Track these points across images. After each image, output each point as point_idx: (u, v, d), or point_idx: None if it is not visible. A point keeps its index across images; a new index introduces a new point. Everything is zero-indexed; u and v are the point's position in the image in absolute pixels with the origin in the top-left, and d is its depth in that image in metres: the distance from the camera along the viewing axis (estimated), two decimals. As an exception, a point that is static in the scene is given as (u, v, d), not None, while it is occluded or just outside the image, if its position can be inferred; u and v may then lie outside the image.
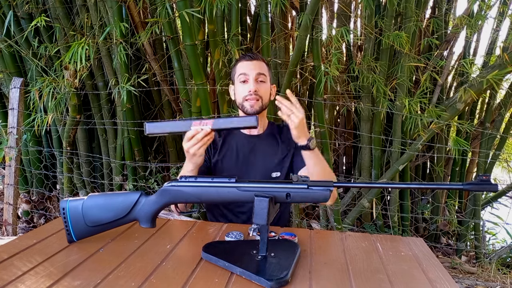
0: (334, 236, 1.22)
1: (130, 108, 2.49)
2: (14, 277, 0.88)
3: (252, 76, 1.36)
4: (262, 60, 1.41)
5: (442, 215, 2.88)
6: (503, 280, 2.43)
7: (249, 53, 1.43)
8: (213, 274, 0.92)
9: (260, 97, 1.36)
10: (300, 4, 2.40)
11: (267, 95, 1.40)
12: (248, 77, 1.36)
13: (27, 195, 3.08)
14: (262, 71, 1.38)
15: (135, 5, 2.41)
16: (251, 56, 1.40)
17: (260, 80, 1.37)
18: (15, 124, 2.63)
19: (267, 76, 1.39)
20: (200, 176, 1.04)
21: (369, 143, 2.55)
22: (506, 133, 2.77)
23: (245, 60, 1.39)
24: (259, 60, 1.40)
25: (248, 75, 1.36)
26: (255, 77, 1.36)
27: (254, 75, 1.36)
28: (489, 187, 0.87)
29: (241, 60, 1.41)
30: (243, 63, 1.39)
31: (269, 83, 1.41)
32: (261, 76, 1.37)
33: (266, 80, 1.39)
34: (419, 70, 2.62)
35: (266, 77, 1.39)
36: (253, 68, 1.37)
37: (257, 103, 1.36)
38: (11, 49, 2.68)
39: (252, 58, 1.39)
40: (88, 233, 1.07)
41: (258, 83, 1.37)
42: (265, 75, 1.38)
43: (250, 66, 1.37)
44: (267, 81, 1.40)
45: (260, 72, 1.37)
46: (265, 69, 1.40)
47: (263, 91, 1.37)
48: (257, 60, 1.39)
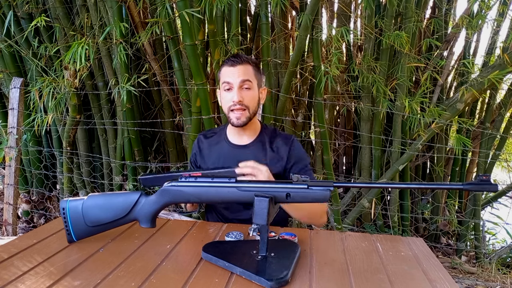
0: (334, 236, 1.22)
1: (130, 108, 2.49)
2: (14, 277, 0.88)
3: (236, 84, 1.27)
4: (248, 62, 1.31)
5: (442, 215, 2.88)
6: (503, 280, 2.43)
7: (232, 57, 1.32)
8: (213, 274, 0.92)
9: (246, 106, 1.28)
10: (300, 4, 2.40)
11: (255, 102, 1.31)
12: (232, 86, 1.28)
13: (27, 195, 3.08)
14: (247, 77, 1.28)
15: (135, 5, 2.41)
16: (233, 60, 1.29)
17: (245, 87, 1.28)
18: (15, 124, 2.63)
19: (253, 82, 1.30)
20: (200, 176, 1.04)
21: (369, 143, 2.55)
22: (506, 133, 2.77)
23: (228, 66, 1.30)
24: (244, 64, 1.29)
25: (232, 84, 1.28)
26: (239, 85, 1.27)
27: (238, 83, 1.27)
28: (489, 187, 0.87)
29: (224, 65, 1.32)
30: (226, 69, 1.30)
31: (256, 88, 1.32)
32: (246, 83, 1.28)
33: (252, 86, 1.30)
34: (419, 70, 2.62)
35: (252, 83, 1.30)
36: (236, 74, 1.28)
37: (244, 114, 1.28)
38: (11, 49, 2.68)
39: (236, 63, 1.28)
40: (88, 233, 1.07)
41: (243, 90, 1.28)
42: (251, 81, 1.29)
43: (233, 73, 1.28)
44: (254, 86, 1.31)
45: (244, 78, 1.27)
46: (251, 73, 1.30)
47: (248, 100, 1.28)
48: (241, 64, 1.29)
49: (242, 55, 1.34)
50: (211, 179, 1.01)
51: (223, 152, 1.39)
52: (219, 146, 1.41)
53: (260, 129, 1.41)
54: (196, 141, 1.47)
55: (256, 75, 1.33)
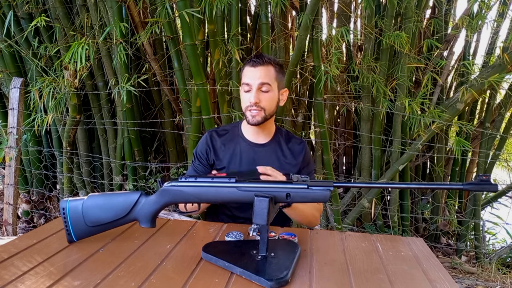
0: (334, 236, 1.22)
1: (130, 108, 2.48)
2: (14, 277, 0.88)
3: (254, 86, 1.29)
4: (270, 64, 1.31)
5: (442, 215, 2.88)
6: (503, 280, 2.43)
7: (255, 57, 1.33)
8: (213, 274, 0.92)
9: (263, 108, 1.30)
10: (300, 4, 2.40)
11: (272, 104, 1.33)
12: (251, 87, 1.30)
13: (27, 195, 3.08)
14: (266, 79, 1.29)
15: (135, 5, 2.41)
16: (255, 61, 1.30)
17: (263, 90, 1.30)
18: (15, 124, 2.63)
19: (272, 84, 1.30)
20: (200, 176, 1.04)
21: (369, 143, 2.55)
22: (506, 133, 2.77)
23: (250, 66, 1.31)
24: (265, 65, 1.30)
25: (251, 85, 1.30)
26: (257, 87, 1.29)
27: (257, 85, 1.29)
28: (489, 187, 0.88)
29: (247, 65, 1.33)
30: (247, 69, 1.32)
31: (275, 90, 1.32)
32: (264, 86, 1.29)
33: (270, 89, 1.30)
34: (419, 70, 2.62)
35: (271, 86, 1.30)
36: (256, 76, 1.29)
37: (259, 114, 1.30)
38: (11, 49, 2.68)
39: (257, 64, 1.30)
40: (88, 233, 1.07)
41: (261, 92, 1.30)
42: (270, 84, 1.30)
43: (253, 74, 1.29)
44: (273, 89, 1.31)
45: (263, 81, 1.29)
46: (272, 75, 1.31)
47: (266, 102, 1.30)
48: (263, 66, 1.29)
49: (265, 55, 1.34)
50: (211, 179, 1.02)
51: (241, 149, 1.40)
52: (235, 143, 1.41)
53: (275, 130, 1.44)
54: (208, 137, 1.44)
55: (277, 77, 1.33)
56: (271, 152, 1.39)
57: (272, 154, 1.39)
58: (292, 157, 1.40)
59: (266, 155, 1.38)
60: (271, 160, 1.38)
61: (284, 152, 1.41)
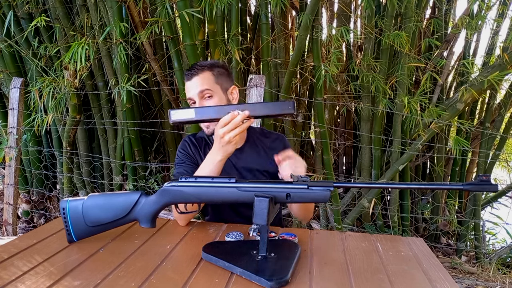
0: (334, 236, 1.22)
1: (130, 108, 2.49)
2: (14, 277, 0.88)
3: (196, 98, 1.26)
4: (205, 70, 1.27)
5: (442, 215, 2.88)
6: (503, 280, 2.43)
7: (187, 70, 1.29)
8: (213, 274, 0.92)
9: None
10: (300, 4, 2.40)
11: None
12: (194, 100, 1.27)
13: (27, 195, 3.08)
14: (204, 86, 1.25)
15: (135, 5, 2.41)
16: (188, 74, 1.28)
17: (206, 97, 1.26)
18: (15, 124, 2.63)
19: (213, 89, 1.27)
20: (200, 176, 1.04)
21: (369, 143, 2.55)
22: (506, 133, 2.77)
23: (186, 81, 1.28)
24: (200, 73, 1.26)
25: (193, 98, 1.27)
26: (199, 97, 1.26)
27: (197, 95, 1.26)
28: (489, 187, 0.87)
29: (185, 79, 1.30)
30: (186, 84, 1.29)
31: (219, 94, 1.28)
32: (205, 92, 1.26)
33: (213, 94, 1.27)
34: (419, 70, 2.62)
35: (212, 90, 1.26)
36: (194, 87, 1.26)
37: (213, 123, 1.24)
38: (11, 49, 2.68)
39: (191, 75, 1.27)
40: (88, 233, 1.07)
41: (205, 100, 1.26)
42: (210, 89, 1.26)
43: (191, 87, 1.27)
44: (216, 93, 1.27)
45: (201, 89, 1.25)
46: (210, 81, 1.27)
47: None
48: (197, 75, 1.26)
49: (197, 64, 1.30)
50: (211, 179, 1.02)
51: None
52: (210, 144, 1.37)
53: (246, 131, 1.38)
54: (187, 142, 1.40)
55: (218, 81, 1.29)
56: (251, 153, 1.36)
57: (252, 154, 1.36)
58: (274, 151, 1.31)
59: (247, 156, 1.35)
60: (253, 159, 1.35)
61: (264, 149, 1.37)
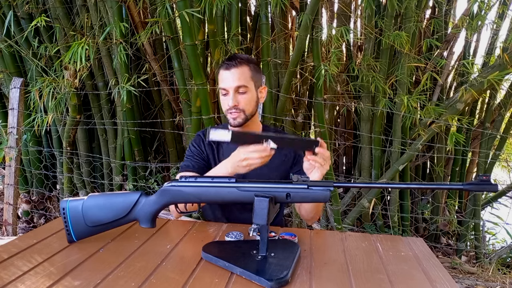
0: (334, 236, 1.22)
1: (130, 108, 2.49)
2: (14, 277, 0.88)
3: (231, 90, 1.29)
4: (244, 64, 1.30)
5: (442, 215, 2.88)
6: (503, 280, 2.43)
7: (227, 60, 1.32)
8: (213, 274, 0.92)
9: (242, 110, 1.30)
10: (300, 4, 2.40)
11: (251, 105, 1.33)
12: (228, 91, 1.30)
13: (27, 195, 3.08)
14: (242, 81, 1.29)
15: (135, 5, 2.41)
16: (229, 64, 1.30)
17: (240, 92, 1.30)
18: (15, 124, 2.63)
19: (249, 85, 1.31)
20: (200, 176, 1.04)
21: (369, 143, 2.55)
22: (506, 133, 2.77)
23: (224, 69, 1.30)
24: (239, 67, 1.29)
25: (227, 89, 1.30)
26: (234, 90, 1.29)
27: (234, 88, 1.29)
28: (489, 187, 0.88)
29: (221, 68, 1.32)
30: (222, 72, 1.31)
31: (252, 90, 1.32)
32: (241, 88, 1.29)
33: (247, 90, 1.31)
34: (419, 70, 2.62)
35: (248, 87, 1.30)
36: (231, 79, 1.29)
37: (240, 116, 1.31)
38: (11, 49, 2.68)
39: (231, 66, 1.29)
40: (88, 233, 1.07)
41: (239, 95, 1.30)
42: (246, 86, 1.30)
43: (229, 78, 1.29)
44: (250, 89, 1.31)
45: (239, 84, 1.29)
46: (247, 76, 1.30)
47: (244, 103, 1.30)
48: (237, 67, 1.28)
49: (238, 56, 1.33)
50: (211, 179, 1.02)
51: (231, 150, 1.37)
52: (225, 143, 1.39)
53: (262, 128, 1.45)
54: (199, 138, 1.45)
55: (253, 77, 1.32)
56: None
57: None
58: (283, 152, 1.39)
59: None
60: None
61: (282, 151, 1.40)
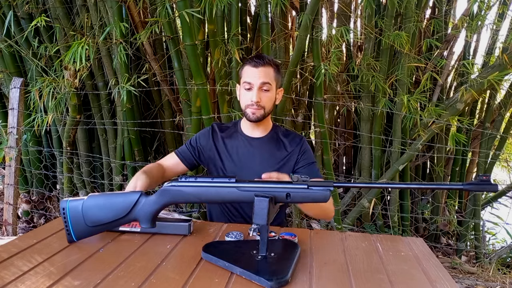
0: (334, 236, 1.22)
1: (130, 108, 2.48)
2: (14, 277, 0.88)
3: (256, 85, 1.34)
4: (270, 65, 1.36)
5: (442, 215, 2.88)
6: (503, 280, 2.43)
7: (256, 58, 1.37)
8: (213, 274, 0.92)
9: (263, 106, 1.35)
10: (300, 4, 2.40)
11: (271, 103, 1.39)
12: (252, 86, 1.34)
13: (27, 195, 3.08)
14: (267, 79, 1.34)
15: (135, 5, 2.41)
16: (257, 61, 1.35)
17: (264, 89, 1.35)
18: (15, 124, 2.63)
19: (272, 84, 1.36)
20: (200, 176, 1.04)
21: (369, 143, 2.55)
22: (506, 133, 2.77)
23: (251, 66, 1.35)
24: (266, 66, 1.35)
25: (253, 84, 1.34)
26: (259, 86, 1.34)
27: (258, 85, 1.34)
28: (489, 187, 0.88)
29: (247, 64, 1.37)
30: (248, 68, 1.36)
31: (274, 90, 1.39)
32: (265, 85, 1.34)
33: (270, 89, 1.36)
34: (419, 70, 2.62)
35: (271, 85, 1.36)
36: (258, 76, 1.34)
37: (259, 111, 1.36)
38: (11, 49, 2.68)
39: (258, 64, 1.34)
40: (88, 233, 1.07)
41: (262, 91, 1.35)
42: (270, 84, 1.35)
43: (255, 74, 1.34)
44: (272, 88, 1.37)
45: (264, 81, 1.34)
46: (272, 75, 1.36)
47: (266, 100, 1.36)
48: (263, 66, 1.34)
49: (265, 56, 1.38)
50: (211, 179, 1.02)
51: (238, 144, 1.46)
52: (234, 138, 1.47)
53: (272, 126, 1.49)
54: (210, 129, 1.50)
55: (276, 78, 1.39)
56: (267, 143, 1.45)
57: (267, 144, 1.44)
58: (289, 146, 1.45)
59: (261, 145, 1.44)
60: (267, 150, 1.43)
61: (280, 144, 1.46)
